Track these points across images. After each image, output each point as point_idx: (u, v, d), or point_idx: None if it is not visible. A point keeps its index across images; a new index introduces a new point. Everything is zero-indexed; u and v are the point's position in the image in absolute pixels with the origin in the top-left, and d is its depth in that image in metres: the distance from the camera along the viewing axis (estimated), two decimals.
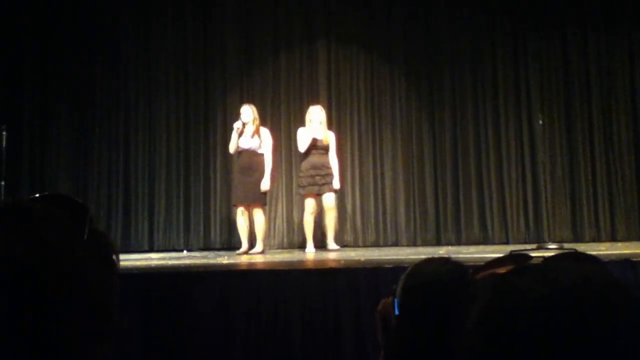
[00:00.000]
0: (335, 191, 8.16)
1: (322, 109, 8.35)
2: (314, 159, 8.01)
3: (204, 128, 9.65)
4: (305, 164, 8.06)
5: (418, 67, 9.55)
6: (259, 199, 7.78)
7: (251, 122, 7.83)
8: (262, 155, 7.81)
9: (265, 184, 7.71)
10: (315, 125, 8.06)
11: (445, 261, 1.77)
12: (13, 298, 0.67)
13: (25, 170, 9.39)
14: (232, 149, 7.91)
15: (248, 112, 7.87)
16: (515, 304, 0.72)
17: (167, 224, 9.41)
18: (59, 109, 9.60)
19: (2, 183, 7.54)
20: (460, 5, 9.48)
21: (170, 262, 6.65)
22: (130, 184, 9.58)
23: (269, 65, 9.69)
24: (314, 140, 8.00)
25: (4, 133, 7.68)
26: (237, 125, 7.84)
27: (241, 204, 7.83)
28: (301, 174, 8.12)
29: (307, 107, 9.48)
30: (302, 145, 8.03)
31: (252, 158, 7.76)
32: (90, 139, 9.56)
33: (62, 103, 9.59)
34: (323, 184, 7.98)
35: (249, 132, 7.79)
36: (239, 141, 7.79)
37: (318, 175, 7.98)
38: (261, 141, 7.81)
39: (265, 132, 7.88)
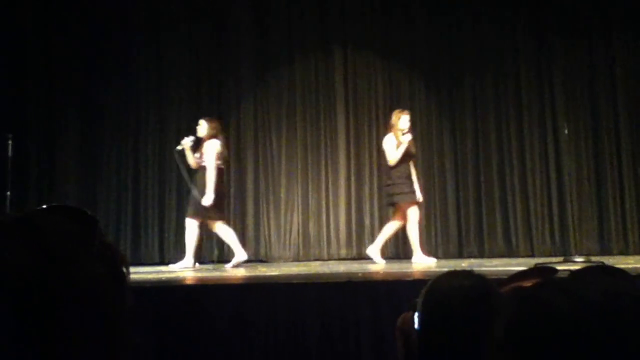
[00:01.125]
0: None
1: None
2: (406, 167, 7.82)
3: None
4: (398, 172, 7.75)
5: (438, 74, 9.53)
6: (194, 215, 7.65)
7: (205, 137, 7.76)
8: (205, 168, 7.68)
9: (206, 199, 7.51)
10: (407, 135, 7.82)
11: (467, 274, 1.76)
12: (19, 312, 0.67)
13: (32, 180, 9.38)
14: (191, 164, 7.81)
15: (203, 127, 7.80)
16: (540, 319, 0.72)
17: (179, 236, 9.35)
18: (66, 118, 9.60)
19: (8, 193, 7.54)
20: (482, 11, 9.47)
21: (182, 275, 6.66)
22: (140, 195, 9.57)
23: (283, 73, 9.67)
24: (408, 148, 7.80)
25: (10, 142, 7.70)
26: (184, 142, 7.77)
27: (194, 219, 7.78)
28: (397, 182, 7.78)
29: (324, 115, 9.49)
30: (397, 153, 7.76)
31: (199, 172, 7.71)
32: (99, 149, 9.56)
33: (70, 113, 9.59)
34: (416, 192, 7.86)
35: (204, 147, 7.72)
36: (197, 156, 7.72)
37: (413, 183, 7.86)
38: (201, 153, 7.69)
39: (208, 144, 7.70)
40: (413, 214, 7.79)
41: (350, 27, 9.65)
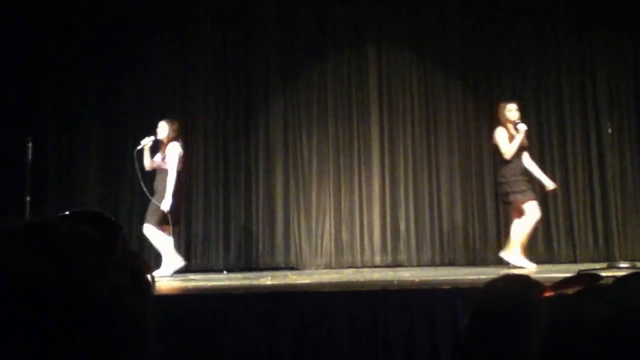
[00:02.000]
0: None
1: None
2: (520, 162, 7.59)
3: (245, 141, 9.56)
4: (511, 169, 7.51)
5: (475, 73, 9.43)
6: (151, 220, 7.54)
7: (165, 139, 7.68)
8: (166, 171, 7.58)
9: (165, 204, 7.40)
10: (521, 125, 7.57)
11: (523, 279, 1.74)
12: (36, 323, 0.67)
13: (52, 184, 9.32)
14: (146, 166, 7.71)
15: (163, 128, 7.70)
16: (579, 330, 0.70)
17: (205, 243, 9.36)
18: (87, 121, 9.53)
19: (28, 198, 7.48)
20: (521, 4, 9.40)
21: (210, 284, 6.67)
22: None
23: (315, 71, 9.60)
24: (523, 142, 7.56)
25: (29, 145, 7.63)
26: (143, 142, 7.67)
27: (152, 224, 7.64)
28: (511, 179, 7.51)
29: (356, 115, 9.44)
30: (513, 146, 7.51)
31: (158, 176, 7.64)
32: (121, 153, 9.40)
33: (90, 116, 9.51)
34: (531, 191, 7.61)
35: (164, 149, 7.65)
36: (156, 158, 7.66)
37: (529, 179, 7.65)
38: (164, 156, 7.62)
39: (170, 147, 7.62)
40: (529, 213, 7.48)
41: (384, 23, 9.56)
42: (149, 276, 0.79)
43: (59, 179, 9.44)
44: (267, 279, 7.25)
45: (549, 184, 7.79)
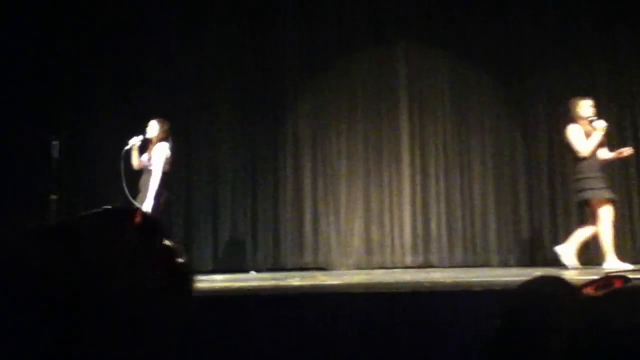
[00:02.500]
0: None
1: None
2: (597, 159, 7.38)
3: (273, 140, 9.57)
4: (590, 166, 7.32)
5: (507, 69, 9.31)
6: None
7: (154, 138, 7.68)
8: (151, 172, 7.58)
9: (146, 205, 7.31)
10: (599, 121, 7.37)
11: (556, 280, 1.74)
12: (68, 322, 0.69)
13: (78, 182, 9.24)
14: (134, 165, 7.71)
15: (153, 128, 7.71)
16: (600, 332, 0.71)
17: (233, 242, 9.39)
18: (113, 118, 9.44)
19: (54, 197, 7.54)
20: (558, 1, 9.33)
21: (237, 284, 6.69)
22: (192, 199, 9.52)
23: (343, 68, 9.56)
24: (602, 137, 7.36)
25: (55, 143, 7.71)
26: (131, 141, 7.66)
27: None
28: (588, 176, 7.34)
29: (386, 113, 9.41)
30: (591, 143, 7.32)
31: (144, 176, 7.61)
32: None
33: (115, 112, 9.46)
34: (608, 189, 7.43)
35: (152, 149, 7.66)
36: (143, 157, 7.66)
37: (607, 177, 7.49)
38: (150, 156, 7.62)
39: (157, 147, 7.63)
40: (606, 213, 7.26)
41: (413, 19, 9.48)
42: (188, 274, 0.78)
43: (86, 178, 9.37)
44: (296, 280, 7.26)
45: (624, 150, 7.53)
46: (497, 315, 1.71)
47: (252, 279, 7.53)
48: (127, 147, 7.68)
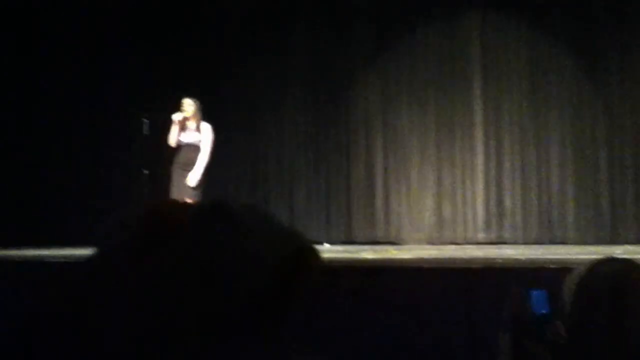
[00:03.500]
0: None
1: None
2: None
3: (345, 115, 9.66)
4: None
5: (590, 43, 9.02)
6: (194, 195, 7.81)
7: (192, 117, 7.94)
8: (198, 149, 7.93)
9: (193, 179, 7.80)
10: None
11: (626, 262, 1.76)
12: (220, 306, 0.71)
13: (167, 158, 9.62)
14: (172, 141, 7.95)
15: (190, 106, 7.94)
16: None
17: (307, 216, 9.53)
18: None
19: (146, 171, 8.23)
20: None
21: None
22: (268, 177, 9.77)
23: (415, 41, 9.47)
24: None
25: (146, 121, 8.30)
26: (176, 116, 7.89)
27: (180, 198, 7.83)
28: None
29: (458, 87, 9.31)
30: None
31: (192, 153, 7.90)
32: (223, 130, 9.62)
33: (200, 90, 9.74)
34: None
35: (192, 127, 7.93)
36: (181, 135, 7.93)
37: None
38: (202, 136, 7.93)
39: (206, 127, 7.96)
40: None
41: None
42: (313, 255, 0.79)
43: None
44: (368, 253, 7.32)
45: None
46: (567, 294, 1.73)
47: (325, 251, 7.61)
48: (174, 123, 7.90)
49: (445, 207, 9.23)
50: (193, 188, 7.81)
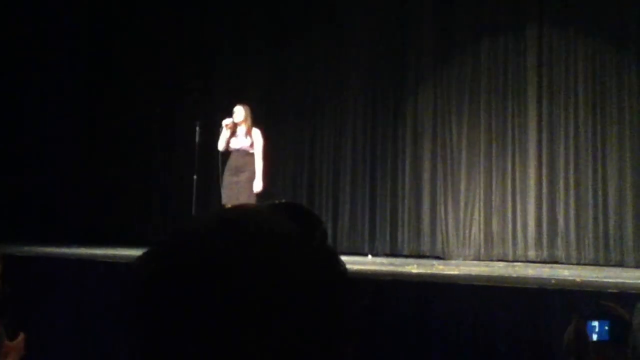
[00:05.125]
0: None
1: None
2: None
3: (393, 127, 9.72)
4: None
5: None
6: (250, 200, 7.87)
7: (243, 122, 8.02)
8: (252, 155, 8.01)
9: (257, 185, 7.92)
10: None
11: None
12: (232, 313, 0.69)
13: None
14: (221, 146, 8.06)
15: (240, 112, 8.03)
16: None
17: (352, 226, 9.57)
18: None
19: (195, 177, 8.61)
20: None
21: (355, 267, 6.72)
22: (314, 185, 9.93)
23: (468, 54, 9.41)
24: None
25: (198, 129, 8.69)
26: (226, 122, 7.99)
27: (232, 204, 7.86)
28: None
29: (512, 101, 9.17)
30: None
31: (243, 158, 7.99)
32: (274, 139, 9.45)
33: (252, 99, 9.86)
34: None
35: (242, 132, 8.01)
36: (231, 140, 8.02)
37: None
38: (253, 141, 8.01)
39: (257, 133, 8.05)
40: None
41: (547, 2, 9.17)
42: (344, 274, 0.79)
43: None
44: (413, 267, 7.24)
45: None
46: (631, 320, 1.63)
47: (369, 263, 7.56)
48: (224, 128, 8.06)
49: (495, 223, 9.07)
50: (251, 193, 7.95)
